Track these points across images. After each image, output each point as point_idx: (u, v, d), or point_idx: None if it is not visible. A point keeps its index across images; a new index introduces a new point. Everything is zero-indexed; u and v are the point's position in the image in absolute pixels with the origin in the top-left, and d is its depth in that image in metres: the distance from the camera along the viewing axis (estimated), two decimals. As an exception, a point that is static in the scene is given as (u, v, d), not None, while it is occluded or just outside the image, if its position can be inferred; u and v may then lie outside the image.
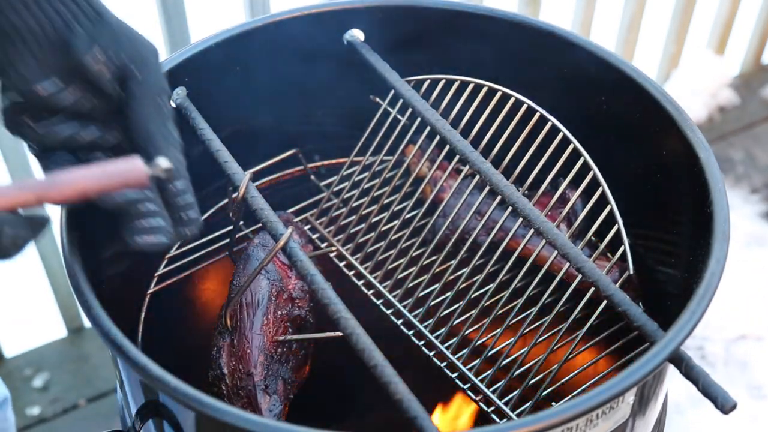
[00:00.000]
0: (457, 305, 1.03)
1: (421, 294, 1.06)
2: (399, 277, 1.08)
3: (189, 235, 0.82)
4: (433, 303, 1.05)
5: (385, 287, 1.07)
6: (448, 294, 1.04)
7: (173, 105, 1.02)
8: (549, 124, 1.02)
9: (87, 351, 1.94)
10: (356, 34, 1.13)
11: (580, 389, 0.98)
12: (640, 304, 0.99)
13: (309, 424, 0.72)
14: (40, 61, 0.77)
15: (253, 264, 1.01)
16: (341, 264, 1.11)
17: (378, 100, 1.13)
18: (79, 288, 0.82)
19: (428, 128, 1.07)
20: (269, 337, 0.96)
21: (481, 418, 1.06)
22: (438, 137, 1.06)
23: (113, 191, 0.71)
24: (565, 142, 1.01)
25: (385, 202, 1.13)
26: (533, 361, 0.98)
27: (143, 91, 0.79)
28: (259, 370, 0.94)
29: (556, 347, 0.98)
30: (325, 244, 1.12)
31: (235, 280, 1.01)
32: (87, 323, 1.99)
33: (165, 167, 0.68)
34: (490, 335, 1.02)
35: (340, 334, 0.82)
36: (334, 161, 1.25)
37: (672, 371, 0.86)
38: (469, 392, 0.99)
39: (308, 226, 1.14)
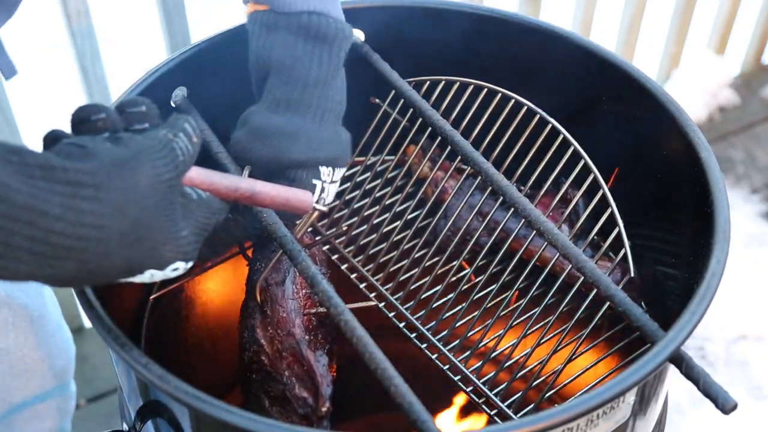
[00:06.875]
0: (460, 307, 1.03)
1: (423, 296, 1.06)
2: (401, 279, 1.07)
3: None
4: (435, 305, 1.05)
5: (387, 289, 1.07)
6: (450, 296, 1.04)
7: (173, 105, 1.02)
8: (549, 126, 1.02)
9: (87, 351, 1.94)
10: (357, 34, 1.13)
11: (581, 390, 0.97)
12: (641, 304, 0.99)
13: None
14: None
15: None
16: (343, 267, 1.11)
17: (378, 101, 1.13)
18: (80, 288, 0.82)
19: (429, 129, 1.07)
20: (301, 305, 0.96)
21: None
22: (439, 138, 1.06)
23: (279, 209, 0.81)
24: (566, 144, 1.00)
25: (387, 203, 1.13)
26: (535, 363, 0.98)
27: None
28: (299, 331, 0.94)
29: (558, 348, 0.98)
30: (327, 247, 1.12)
31: (257, 261, 1.00)
32: (87, 323, 1.99)
33: (323, 210, 0.87)
34: (492, 337, 1.02)
35: (373, 303, 0.82)
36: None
37: (672, 371, 0.86)
38: (471, 395, 0.98)
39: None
